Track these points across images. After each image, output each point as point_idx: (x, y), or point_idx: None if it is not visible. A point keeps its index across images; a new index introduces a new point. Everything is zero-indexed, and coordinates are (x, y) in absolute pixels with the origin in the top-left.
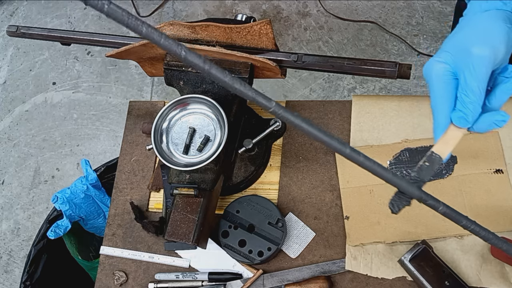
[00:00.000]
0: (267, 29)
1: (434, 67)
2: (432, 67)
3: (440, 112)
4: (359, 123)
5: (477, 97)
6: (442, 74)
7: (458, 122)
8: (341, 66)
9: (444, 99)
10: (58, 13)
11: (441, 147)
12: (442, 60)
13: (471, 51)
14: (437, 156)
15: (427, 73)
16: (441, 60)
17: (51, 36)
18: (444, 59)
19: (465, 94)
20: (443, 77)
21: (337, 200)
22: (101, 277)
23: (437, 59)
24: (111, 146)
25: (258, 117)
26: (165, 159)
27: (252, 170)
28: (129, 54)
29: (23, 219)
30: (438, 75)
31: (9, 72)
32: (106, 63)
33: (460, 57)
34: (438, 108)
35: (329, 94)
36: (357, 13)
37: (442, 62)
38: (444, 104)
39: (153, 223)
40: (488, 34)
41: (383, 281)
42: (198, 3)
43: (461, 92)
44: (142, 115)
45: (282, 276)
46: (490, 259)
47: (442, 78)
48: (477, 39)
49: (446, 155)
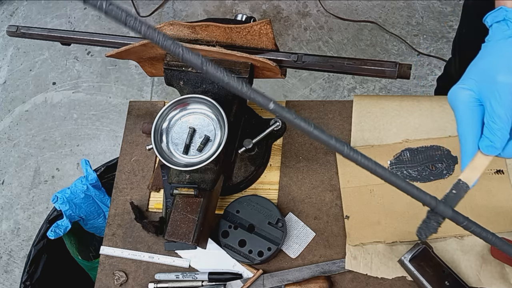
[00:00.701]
0: (267, 29)
1: (460, 94)
2: (457, 94)
3: (467, 140)
4: (360, 123)
5: (505, 124)
6: (467, 101)
7: (486, 150)
8: (341, 66)
9: (471, 127)
10: (58, 13)
11: (469, 175)
12: (467, 87)
13: (497, 78)
14: (465, 183)
15: (453, 100)
16: (466, 87)
17: (51, 36)
18: (469, 86)
19: (493, 121)
20: (469, 104)
21: (337, 200)
22: (101, 277)
23: (462, 86)
24: (111, 146)
25: (258, 117)
26: (165, 159)
27: (252, 170)
28: (129, 54)
29: (23, 219)
30: (463, 102)
31: (9, 72)
32: (106, 63)
33: (485, 84)
34: (466, 136)
35: (329, 94)
36: (357, 13)
37: (467, 89)
38: (471, 131)
39: (153, 223)
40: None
41: (383, 281)
42: (198, 3)
43: (488, 119)
44: (142, 115)
45: (282, 276)
46: (490, 259)
47: (468, 105)
48: (502, 66)
49: (473, 182)
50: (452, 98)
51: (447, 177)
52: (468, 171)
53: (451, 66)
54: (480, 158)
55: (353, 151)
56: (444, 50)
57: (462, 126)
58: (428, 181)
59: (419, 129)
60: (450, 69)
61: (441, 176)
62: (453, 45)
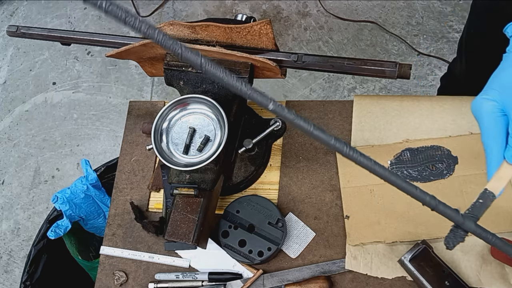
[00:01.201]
0: (267, 29)
1: (483, 105)
2: (481, 105)
3: (493, 150)
4: (360, 123)
5: None
6: (491, 112)
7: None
8: (341, 66)
9: (496, 137)
10: (58, 13)
11: (495, 184)
12: (490, 98)
13: None
14: (491, 193)
15: (477, 111)
16: (490, 98)
17: (51, 36)
18: (492, 96)
19: None
20: (493, 115)
21: (337, 200)
22: (101, 277)
23: (485, 97)
24: (111, 146)
25: (258, 117)
26: (165, 159)
27: (252, 170)
28: (129, 54)
29: (23, 219)
30: (487, 112)
31: (9, 72)
32: (106, 63)
33: (508, 95)
34: (491, 146)
35: (329, 94)
36: (357, 13)
37: (490, 100)
38: (497, 142)
39: (153, 223)
40: None
41: (383, 281)
42: (198, 3)
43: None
44: (142, 115)
45: (282, 276)
46: (490, 259)
47: (492, 116)
48: None
49: (499, 191)
50: (476, 109)
51: (447, 177)
52: (494, 180)
53: (456, 66)
54: (506, 167)
55: (353, 150)
56: (444, 50)
57: (487, 136)
58: (428, 181)
59: (420, 129)
60: (454, 69)
61: (441, 176)
62: (459, 45)
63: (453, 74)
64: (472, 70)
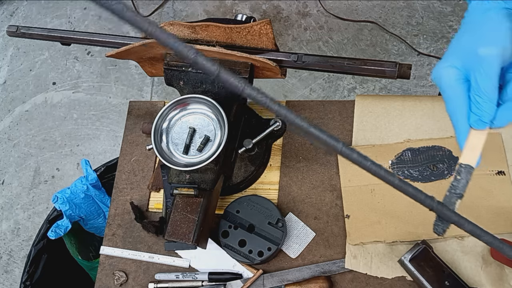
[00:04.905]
0: (267, 29)
1: (444, 72)
2: (441, 73)
3: (458, 118)
4: (361, 122)
5: (491, 96)
6: (453, 79)
7: (476, 125)
8: (341, 66)
9: (459, 105)
10: (58, 13)
11: (469, 155)
12: (450, 65)
13: (479, 52)
14: (468, 166)
15: (437, 79)
16: (450, 65)
17: (51, 36)
18: (452, 63)
19: (478, 95)
20: (455, 82)
21: (337, 200)
22: (101, 277)
23: (446, 64)
24: (111, 146)
25: (258, 117)
26: (165, 159)
27: (252, 170)
28: (129, 54)
29: (23, 219)
30: (449, 80)
31: (9, 72)
32: (106, 63)
33: (468, 59)
34: (456, 115)
35: (329, 94)
36: (357, 13)
37: (451, 67)
38: (461, 109)
39: (153, 223)
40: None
41: (383, 281)
42: (198, 3)
43: (473, 93)
44: (142, 115)
45: (282, 276)
46: (490, 260)
47: (453, 83)
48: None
49: (476, 161)
50: (436, 78)
51: (448, 177)
52: (467, 151)
53: None
54: (475, 135)
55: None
56: (444, 50)
57: (451, 106)
58: (429, 181)
59: (421, 129)
60: None
61: (442, 176)
62: None
63: None
64: None
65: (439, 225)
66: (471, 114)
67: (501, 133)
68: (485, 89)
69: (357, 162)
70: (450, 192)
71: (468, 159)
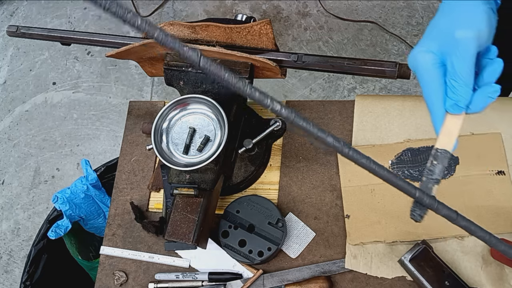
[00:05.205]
0: (267, 29)
1: (420, 57)
2: (417, 58)
3: (434, 103)
4: (361, 122)
5: (467, 80)
6: (429, 64)
7: (452, 110)
8: (341, 66)
9: (435, 89)
10: (58, 13)
11: (445, 140)
12: (426, 49)
13: (455, 35)
14: (443, 150)
15: (414, 65)
16: (426, 49)
17: (51, 36)
18: (428, 47)
19: (454, 79)
20: (431, 67)
21: (337, 200)
22: (101, 277)
23: (422, 49)
24: (111, 146)
25: (258, 117)
26: (165, 159)
27: (252, 170)
28: (129, 54)
29: (23, 219)
30: (425, 65)
31: (9, 72)
32: (106, 63)
33: (444, 43)
34: (431, 100)
35: (329, 94)
36: (357, 13)
37: (427, 52)
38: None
39: (153, 223)
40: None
41: (383, 281)
42: (198, 3)
43: (449, 78)
44: (142, 115)
45: (282, 276)
46: (490, 260)
47: (429, 68)
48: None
49: (452, 146)
50: (413, 63)
51: (448, 177)
52: (443, 136)
53: None
54: (451, 119)
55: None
56: None
57: (427, 91)
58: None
59: (421, 129)
60: None
61: None
62: None
63: None
64: None
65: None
66: (447, 98)
67: (501, 132)
68: (461, 73)
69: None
70: (427, 178)
71: (444, 144)
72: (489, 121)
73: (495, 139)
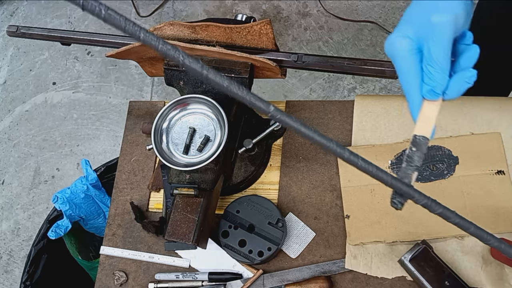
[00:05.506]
0: (267, 29)
1: (396, 43)
2: (394, 44)
3: (410, 90)
4: (361, 122)
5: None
6: (406, 50)
7: (429, 96)
8: (341, 66)
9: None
10: (58, 13)
11: (423, 126)
12: (403, 35)
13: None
14: (422, 137)
15: (390, 51)
16: (402, 35)
17: (51, 36)
18: (405, 33)
19: (430, 64)
20: (408, 53)
21: (337, 200)
22: (101, 277)
23: (398, 34)
24: (111, 146)
25: (258, 117)
26: (165, 159)
27: (252, 170)
28: (129, 54)
29: (23, 219)
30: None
31: (9, 72)
32: (106, 63)
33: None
34: (408, 86)
35: (329, 94)
36: (357, 13)
37: (404, 37)
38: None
39: (153, 223)
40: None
41: (383, 281)
42: (198, 3)
43: (426, 63)
44: (142, 115)
45: (282, 276)
46: (490, 260)
47: (406, 54)
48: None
49: (430, 133)
50: (389, 49)
51: (448, 177)
52: (421, 122)
53: None
54: (428, 106)
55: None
56: None
57: (404, 77)
58: (429, 181)
59: None
60: None
61: (442, 176)
62: None
63: None
64: None
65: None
66: (423, 85)
67: (500, 132)
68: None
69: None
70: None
71: (422, 131)
72: (489, 121)
73: (495, 139)
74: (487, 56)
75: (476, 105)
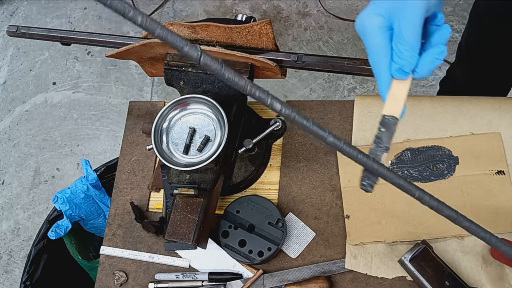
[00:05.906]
0: (267, 29)
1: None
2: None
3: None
4: (361, 122)
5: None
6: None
7: (397, 75)
8: (341, 66)
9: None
10: (58, 13)
11: (392, 106)
12: (374, 12)
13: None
14: (391, 117)
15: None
16: (374, 12)
17: (51, 36)
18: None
19: (400, 42)
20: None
21: (337, 200)
22: (101, 277)
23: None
24: (111, 146)
25: (258, 117)
26: (165, 159)
27: (252, 170)
28: (129, 54)
29: (23, 219)
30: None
31: (9, 72)
32: (106, 63)
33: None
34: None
35: (329, 94)
36: (357, 13)
37: (375, 14)
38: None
39: (153, 223)
40: None
41: (383, 281)
42: (198, 3)
43: (395, 41)
44: (142, 115)
45: (282, 276)
46: (490, 260)
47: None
48: None
49: (400, 112)
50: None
51: (448, 177)
52: (390, 102)
53: (455, 72)
54: (397, 85)
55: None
56: None
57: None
58: (429, 181)
59: (420, 129)
60: (454, 74)
61: (442, 176)
62: (458, 50)
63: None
64: (472, 76)
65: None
66: (392, 63)
67: (500, 132)
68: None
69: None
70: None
71: (391, 110)
72: (489, 121)
73: (494, 139)
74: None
75: (476, 105)
